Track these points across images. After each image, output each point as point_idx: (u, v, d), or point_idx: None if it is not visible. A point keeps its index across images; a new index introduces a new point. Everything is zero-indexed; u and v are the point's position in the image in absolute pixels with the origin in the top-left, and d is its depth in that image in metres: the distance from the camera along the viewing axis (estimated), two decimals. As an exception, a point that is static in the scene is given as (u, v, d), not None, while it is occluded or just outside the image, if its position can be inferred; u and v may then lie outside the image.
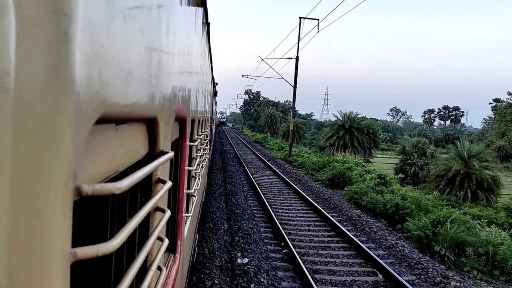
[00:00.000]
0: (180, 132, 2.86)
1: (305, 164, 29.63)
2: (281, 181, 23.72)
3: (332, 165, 26.66)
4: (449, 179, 37.53)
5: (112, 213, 1.25)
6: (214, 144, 39.80)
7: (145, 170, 1.17)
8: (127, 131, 1.24)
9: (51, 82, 0.61)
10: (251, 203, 16.96)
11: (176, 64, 2.24)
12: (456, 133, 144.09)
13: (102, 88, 0.86)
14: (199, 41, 4.55)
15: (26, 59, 0.55)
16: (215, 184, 19.89)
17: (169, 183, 1.67)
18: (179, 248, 2.70)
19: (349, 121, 47.48)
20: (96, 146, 0.91)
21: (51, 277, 0.65)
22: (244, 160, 33.45)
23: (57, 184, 0.65)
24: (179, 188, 2.86)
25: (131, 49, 1.12)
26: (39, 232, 0.61)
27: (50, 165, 0.63)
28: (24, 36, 0.55)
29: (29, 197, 0.58)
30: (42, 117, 0.59)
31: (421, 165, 48.24)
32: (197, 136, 5.03)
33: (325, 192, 20.21)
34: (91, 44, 0.77)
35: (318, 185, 22.46)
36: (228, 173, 24.65)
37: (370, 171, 25.34)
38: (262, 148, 50.44)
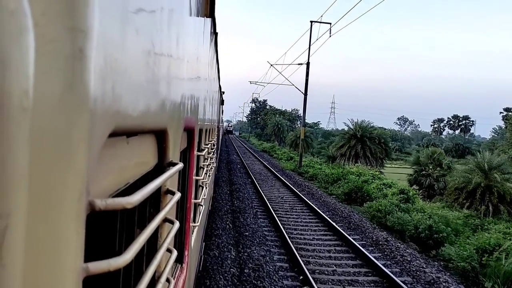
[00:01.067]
0: (188, 142, 2.81)
1: (318, 176, 27.66)
2: (293, 195, 21.79)
3: (347, 178, 24.70)
4: (469, 192, 35.35)
5: (121, 225, 1.25)
6: (221, 153, 38.02)
7: (155, 183, 1.18)
8: (137, 143, 1.23)
9: (66, 99, 0.62)
10: (261, 222, 15.05)
11: (185, 75, 2.27)
12: (465, 142, 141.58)
13: (115, 102, 0.87)
14: (207, 51, 4.59)
15: (43, 77, 0.55)
16: (221, 199, 17.99)
17: (178, 194, 1.66)
18: (186, 258, 2.65)
19: (361, 130, 45.46)
20: (108, 159, 0.90)
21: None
22: (251, 170, 31.57)
23: (71, 200, 0.66)
24: (187, 198, 2.85)
25: (143, 62, 1.13)
26: (53, 248, 0.62)
27: (65, 181, 0.63)
28: (42, 54, 0.55)
29: (44, 213, 0.58)
30: (57, 134, 0.60)
31: (437, 176, 46.08)
32: (205, 146, 5.00)
33: (342, 209, 18.22)
34: (105, 59, 0.78)
35: (334, 200, 20.48)
36: (235, 185, 22.76)
37: (389, 184, 23.34)
38: (270, 157, 48.51)
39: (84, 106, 0.68)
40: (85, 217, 0.73)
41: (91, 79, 0.70)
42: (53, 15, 0.58)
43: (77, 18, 0.64)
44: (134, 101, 1.04)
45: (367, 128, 46.57)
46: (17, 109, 0.50)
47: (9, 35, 0.48)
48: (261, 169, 33.97)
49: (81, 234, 0.72)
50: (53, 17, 0.57)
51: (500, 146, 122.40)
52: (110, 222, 1.17)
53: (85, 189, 0.72)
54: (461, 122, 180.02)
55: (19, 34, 0.51)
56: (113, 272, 0.84)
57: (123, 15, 0.93)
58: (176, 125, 1.89)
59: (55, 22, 0.58)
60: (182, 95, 2.13)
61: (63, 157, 0.63)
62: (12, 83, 0.49)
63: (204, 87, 4.50)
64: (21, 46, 0.51)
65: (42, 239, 0.58)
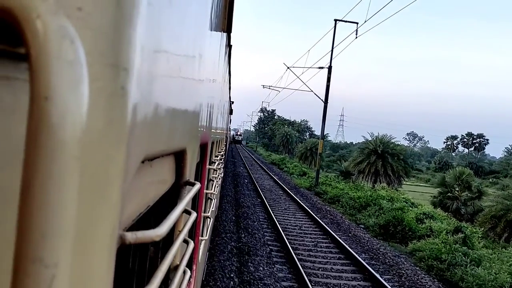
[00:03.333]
0: (201, 156, 2.71)
1: (340, 198, 23.34)
2: (314, 224, 17.55)
3: (378, 203, 20.41)
4: (508, 222, 30.97)
5: (136, 248, 1.27)
6: (226, 165, 33.96)
7: (179, 209, 1.19)
8: (158, 165, 1.23)
9: (106, 136, 0.62)
10: (277, 270, 10.84)
11: (204, 92, 2.30)
12: (478, 161, 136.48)
13: (147, 133, 0.89)
14: (222, 64, 4.67)
15: (87, 116, 0.56)
16: (223, 230, 13.74)
17: (194, 214, 1.63)
18: (194, 273, 2.64)
19: (382, 145, 41.13)
20: (134, 187, 0.90)
21: None
22: (261, 187, 27.37)
23: (105, 236, 0.66)
24: (198, 213, 2.68)
25: (170, 89, 1.15)
26: (87, 285, 0.62)
27: (102, 219, 0.64)
28: (88, 93, 0.56)
29: (83, 255, 0.59)
30: (96, 173, 0.60)
31: (465, 200, 41.56)
32: (215, 158, 5.03)
33: (382, 250, 13.90)
34: (142, 94, 0.80)
35: (366, 235, 16.17)
36: (242, 209, 18.53)
37: (431, 214, 19.01)
38: (280, 171, 44.21)
39: (122, 141, 0.69)
40: (115, 251, 0.73)
41: (129, 114, 0.71)
42: (98, 54, 0.58)
43: (120, 57, 0.65)
44: (161, 128, 1.07)
45: (389, 144, 42.23)
46: (71, 158, 0.51)
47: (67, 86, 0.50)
48: (271, 186, 29.75)
49: (111, 269, 0.72)
50: (97, 55, 0.58)
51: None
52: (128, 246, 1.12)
53: (118, 223, 0.72)
54: (475, 140, 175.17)
55: (77, 84, 0.52)
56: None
57: (158, 46, 0.95)
58: (194, 142, 1.92)
59: (99, 60, 0.58)
60: (201, 112, 2.17)
61: (102, 196, 0.63)
62: (67, 133, 0.50)
63: (218, 100, 4.47)
64: (78, 96, 0.52)
65: (78, 281, 0.58)
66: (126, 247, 1.08)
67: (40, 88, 0.48)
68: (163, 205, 1.47)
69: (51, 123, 0.48)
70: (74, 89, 0.51)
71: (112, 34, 0.62)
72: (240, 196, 21.96)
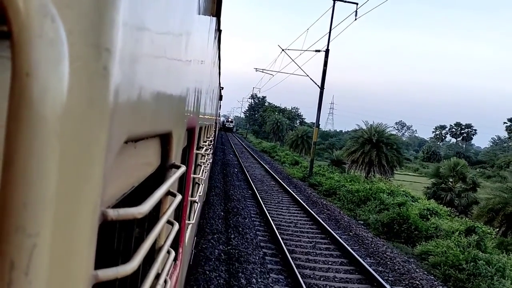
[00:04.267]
0: (188, 140, 2.77)
1: (336, 191, 21.84)
2: (310, 220, 16.02)
3: (378, 197, 18.96)
4: (507, 216, 29.89)
5: (121, 226, 1.27)
6: (215, 153, 32.32)
7: (162, 189, 1.20)
8: (143, 147, 1.23)
9: (88, 114, 0.63)
10: (273, 281, 9.27)
11: (191, 76, 2.29)
12: (464, 151, 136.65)
13: (130, 114, 0.90)
14: (211, 49, 4.69)
15: (69, 96, 0.57)
16: (211, 230, 12.10)
17: (179, 196, 1.63)
18: (180, 256, 2.63)
19: (377, 134, 39.67)
20: (117, 166, 0.91)
21: None
22: (252, 177, 25.77)
23: (87, 213, 0.68)
24: (184, 197, 2.81)
25: (155, 71, 1.14)
26: (69, 260, 0.64)
27: (84, 195, 0.65)
28: (69, 72, 0.57)
29: (64, 228, 0.60)
30: (78, 151, 0.62)
31: (459, 192, 40.51)
32: (203, 143, 4.99)
33: (389, 254, 12.40)
34: (124, 74, 0.80)
35: (369, 234, 14.67)
36: (232, 203, 16.90)
37: (435, 210, 17.62)
38: (271, 160, 42.62)
39: (104, 121, 0.69)
40: (97, 227, 0.75)
41: (111, 94, 0.71)
42: (79, 34, 0.58)
43: (102, 37, 0.65)
44: (145, 109, 1.06)
45: (384, 133, 40.79)
46: (52, 134, 0.53)
47: (48, 63, 0.51)
48: (262, 176, 28.17)
49: (93, 244, 0.74)
50: (78, 35, 0.58)
51: (502, 157, 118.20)
52: (112, 224, 1.15)
53: (100, 200, 0.74)
54: (464, 130, 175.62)
55: (58, 62, 0.53)
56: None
57: (142, 27, 0.94)
58: (180, 126, 1.92)
59: (80, 39, 0.59)
60: (188, 97, 2.16)
61: (84, 173, 0.64)
62: (48, 109, 0.51)
63: (206, 85, 4.47)
64: (59, 74, 0.53)
65: (59, 253, 0.60)
66: (113, 226, 1.16)
67: (22, 64, 0.48)
68: (149, 187, 1.42)
69: (32, 98, 0.49)
70: (55, 66, 0.52)
71: (94, 14, 0.62)
72: (230, 188, 20.34)
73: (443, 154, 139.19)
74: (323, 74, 27.41)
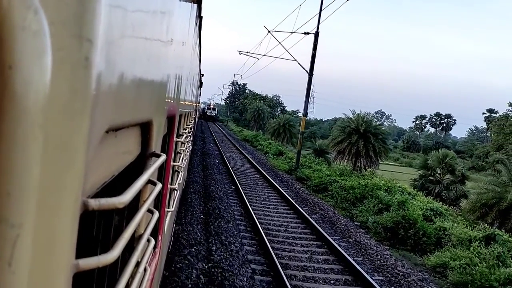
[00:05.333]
0: (168, 128, 2.76)
1: (327, 186, 19.89)
2: (302, 222, 14.02)
3: (375, 194, 17.11)
4: (501, 211, 28.64)
5: (100, 214, 1.27)
6: (194, 142, 30.02)
7: (143, 178, 1.20)
8: (124, 135, 1.22)
9: (70, 106, 0.63)
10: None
11: (172, 64, 2.27)
12: (443, 141, 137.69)
13: (111, 104, 0.89)
14: (191, 36, 4.70)
15: (52, 86, 0.57)
16: (188, 242, 9.89)
17: (159, 185, 1.63)
18: (159, 243, 2.64)
19: (364, 124, 37.93)
20: (98, 156, 0.91)
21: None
22: (234, 169, 23.65)
23: (69, 203, 0.68)
24: (164, 185, 2.78)
25: (136, 60, 1.13)
26: (50, 249, 0.64)
27: (65, 186, 0.65)
28: (52, 64, 0.57)
29: (46, 219, 0.61)
30: (60, 141, 0.62)
31: (447, 184, 39.29)
32: (183, 130, 4.98)
33: (400, 268, 10.47)
34: (106, 64, 0.80)
35: (371, 241, 12.74)
36: (213, 202, 14.74)
37: (440, 211, 15.87)
38: (254, 149, 40.47)
39: (86, 111, 0.69)
40: (79, 217, 0.74)
41: (93, 85, 0.71)
42: (61, 25, 0.58)
43: (84, 28, 0.65)
44: (127, 99, 1.05)
45: (371, 122, 39.10)
46: (35, 125, 0.53)
47: (31, 56, 0.51)
48: (245, 168, 26.07)
49: (74, 234, 0.73)
50: (60, 26, 0.58)
51: (480, 148, 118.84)
52: (91, 213, 1.16)
53: (81, 190, 0.73)
54: (443, 120, 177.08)
55: (41, 54, 0.53)
56: None
57: (124, 17, 0.94)
58: (161, 114, 1.90)
59: (63, 30, 0.59)
60: (168, 84, 2.14)
61: (65, 163, 0.64)
62: (31, 101, 0.51)
63: (187, 72, 4.45)
64: (42, 65, 0.53)
65: (42, 243, 0.60)
66: (92, 215, 1.13)
67: (5, 57, 0.48)
68: (129, 176, 1.40)
69: (15, 91, 0.49)
70: (38, 58, 0.52)
71: (76, 5, 0.62)
72: (211, 183, 18.17)
73: (422, 144, 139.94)
74: (312, 59, 25.32)
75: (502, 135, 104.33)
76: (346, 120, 40.15)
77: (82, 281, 1.17)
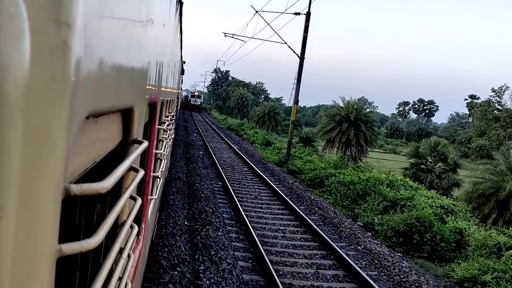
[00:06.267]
0: (150, 115, 2.74)
1: (324, 181, 18.18)
2: (301, 225, 12.29)
3: (377, 190, 15.47)
4: (499, 202, 27.49)
5: (83, 201, 1.26)
6: (177, 131, 27.96)
7: (125, 164, 1.19)
8: (105, 122, 1.22)
9: (49, 91, 0.63)
10: None
11: (152, 51, 2.26)
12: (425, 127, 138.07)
13: (91, 90, 0.89)
14: (172, 22, 4.59)
15: (30, 70, 0.56)
16: (170, 262, 8.01)
17: (141, 172, 1.61)
18: (142, 231, 2.62)
19: (355, 111, 36.36)
20: (80, 141, 0.92)
21: (39, 273, 0.68)
22: (220, 162, 21.78)
23: (51, 188, 0.68)
24: (147, 172, 2.80)
25: (116, 46, 1.12)
26: (33, 234, 0.64)
27: (46, 171, 0.65)
28: (30, 47, 0.57)
29: (28, 203, 0.61)
30: (40, 126, 0.62)
31: (439, 173, 38.15)
32: (165, 118, 4.92)
33: (424, 285, 8.84)
34: (85, 49, 0.79)
35: (383, 248, 11.07)
36: (199, 203, 12.86)
37: (451, 209, 14.33)
38: (239, 139, 38.56)
39: (65, 96, 0.69)
40: (60, 202, 0.75)
41: (72, 70, 0.71)
42: (39, 8, 0.58)
43: (62, 12, 0.64)
44: (107, 84, 1.04)
45: (361, 110, 37.56)
46: (15, 110, 0.53)
47: (9, 39, 0.50)
48: (232, 160, 24.22)
49: (56, 218, 0.74)
50: (38, 10, 0.58)
51: (462, 134, 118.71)
52: (75, 200, 1.15)
53: (63, 175, 0.73)
54: (426, 107, 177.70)
55: (19, 38, 0.52)
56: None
57: (102, 1, 0.93)
58: (142, 101, 1.89)
59: (41, 14, 0.58)
60: (149, 71, 2.12)
61: (46, 148, 0.64)
62: (10, 85, 0.51)
63: (168, 59, 4.42)
64: (20, 49, 0.53)
65: (24, 227, 0.60)
66: (75, 202, 1.14)
67: None
68: (112, 162, 1.37)
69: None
70: (16, 42, 0.51)
71: None
72: (195, 180, 16.27)
73: (405, 130, 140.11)
74: (303, 42, 23.42)
75: (485, 121, 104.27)
76: (336, 108, 38.53)
77: (67, 267, 1.15)
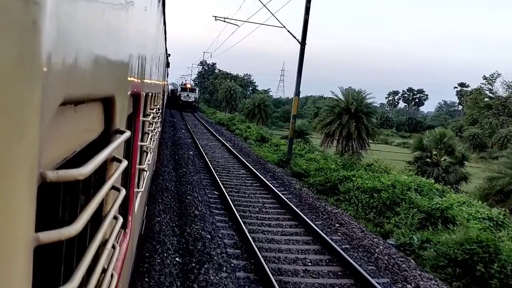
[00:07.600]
0: (134, 107, 2.75)
1: (337, 185, 15.45)
2: (323, 250, 9.59)
3: (407, 198, 12.80)
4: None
5: (66, 192, 1.26)
6: (163, 127, 25.09)
7: (105, 153, 1.17)
8: (85, 111, 1.21)
9: (19, 72, 0.62)
10: None
11: (133, 40, 2.24)
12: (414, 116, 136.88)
13: (66, 73, 0.87)
14: (155, 12, 4.55)
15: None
16: None
17: (124, 162, 1.61)
18: (129, 224, 2.61)
19: (355, 102, 33.71)
20: (56, 129, 0.90)
21: (15, 261, 0.67)
22: (213, 164, 18.94)
23: (24, 173, 0.67)
24: (132, 165, 2.80)
25: (92, 31, 1.10)
26: (5, 220, 0.63)
27: (18, 154, 0.64)
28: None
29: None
30: (10, 108, 0.60)
31: (446, 166, 35.78)
32: (150, 110, 4.88)
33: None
34: (57, 30, 0.77)
35: (434, 282, 8.41)
36: (193, 225, 10.04)
37: (502, 221, 11.76)
38: (231, 135, 35.64)
39: (37, 78, 0.68)
40: (36, 188, 0.74)
41: (44, 51, 0.69)
42: None
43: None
44: (84, 70, 1.03)
45: (362, 100, 34.92)
46: None
47: None
48: (227, 160, 21.40)
49: (32, 205, 0.72)
50: None
51: (453, 122, 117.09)
52: (56, 190, 1.15)
53: (37, 161, 0.72)
54: (416, 96, 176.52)
55: None
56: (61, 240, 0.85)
57: None
58: (124, 91, 1.87)
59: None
60: (130, 61, 2.11)
61: (16, 131, 0.63)
62: None
63: (151, 52, 4.38)
64: None
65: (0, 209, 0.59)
66: (56, 192, 1.12)
67: None
68: (94, 153, 1.35)
69: None
70: None
71: None
72: (187, 190, 13.43)
73: (395, 119, 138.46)
74: (304, 25, 20.62)
75: (476, 109, 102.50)
76: (336, 100, 35.85)
77: (48, 257, 1.13)
